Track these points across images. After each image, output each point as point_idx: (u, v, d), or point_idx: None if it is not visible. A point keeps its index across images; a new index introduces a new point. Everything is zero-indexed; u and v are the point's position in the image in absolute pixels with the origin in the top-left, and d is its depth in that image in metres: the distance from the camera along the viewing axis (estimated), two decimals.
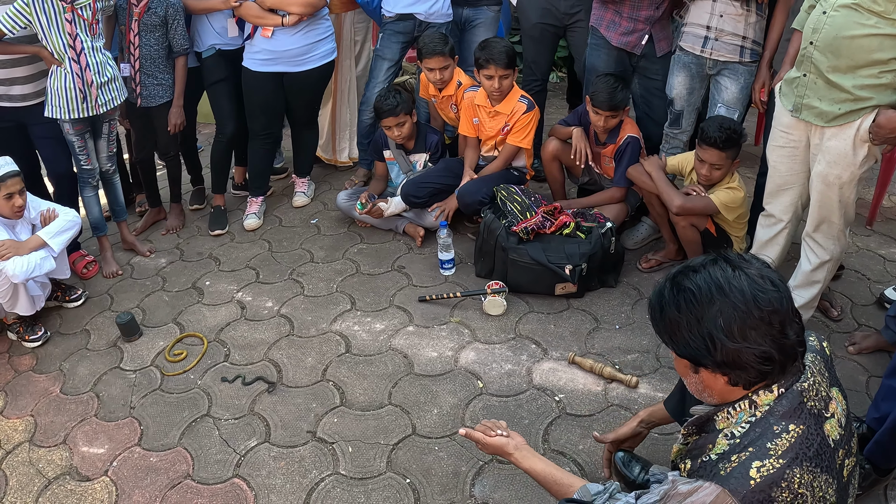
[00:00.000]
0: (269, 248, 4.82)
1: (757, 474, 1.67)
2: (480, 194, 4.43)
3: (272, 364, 3.70)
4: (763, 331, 1.71)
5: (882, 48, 2.85)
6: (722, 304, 1.73)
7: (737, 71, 3.95)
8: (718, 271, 1.77)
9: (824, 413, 1.80)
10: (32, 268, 3.73)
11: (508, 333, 3.80)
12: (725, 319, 1.72)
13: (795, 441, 1.71)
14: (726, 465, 1.73)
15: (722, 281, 1.74)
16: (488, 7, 5.07)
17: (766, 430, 1.74)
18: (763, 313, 1.70)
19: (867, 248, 4.40)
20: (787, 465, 1.68)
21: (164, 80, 4.66)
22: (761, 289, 1.72)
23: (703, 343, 1.75)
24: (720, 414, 1.87)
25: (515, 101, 4.55)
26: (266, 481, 3.01)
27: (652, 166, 4.01)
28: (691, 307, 1.76)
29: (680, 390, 2.47)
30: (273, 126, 5.10)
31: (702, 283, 1.76)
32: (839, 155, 3.08)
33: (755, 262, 1.79)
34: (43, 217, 3.99)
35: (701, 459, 1.83)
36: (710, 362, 1.77)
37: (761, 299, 1.71)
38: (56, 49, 4.05)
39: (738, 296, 1.72)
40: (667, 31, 4.31)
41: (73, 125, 4.24)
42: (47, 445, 3.32)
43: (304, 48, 4.74)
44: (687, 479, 1.80)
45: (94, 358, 3.88)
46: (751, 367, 1.73)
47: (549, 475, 2.29)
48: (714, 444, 1.82)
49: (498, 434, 2.44)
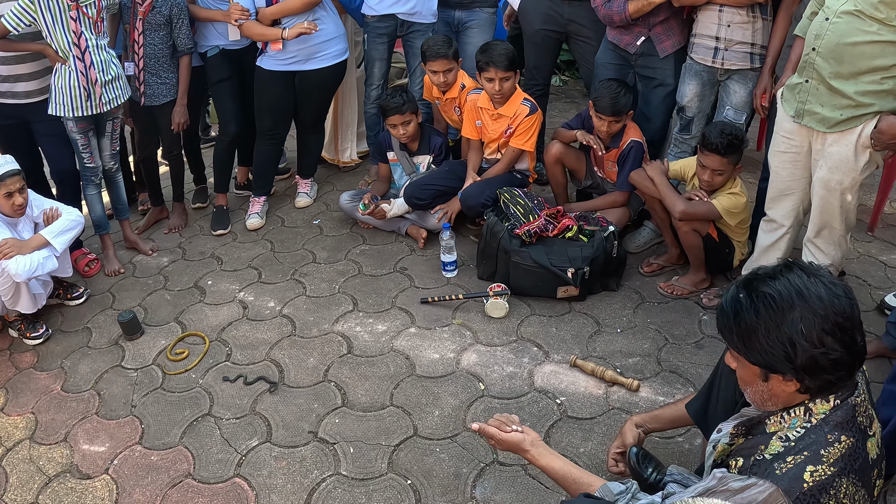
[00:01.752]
0: (271, 249, 4.82)
1: (810, 478, 1.69)
2: (483, 197, 4.43)
3: (274, 364, 3.70)
4: (838, 336, 1.72)
5: (884, 55, 2.87)
6: (803, 309, 1.74)
7: (746, 76, 3.97)
8: (797, 278, 1.78)
9: (868, 431, 1.82)
10: (35, 267, 3.73)
11: (510, 336, 3.80)
12: (806, 325, 1.73)
13: (846, 452, 1.73)
14: (782, 466, 1.74)
15: (802, 287, 1.76)
16: (481, 9, 5.06)
17: (821, 437, 1.76)
18: (839, 318, 1.73)
19: (868, 253, 4.39)
20: (838, 473, 1.70)
21: (168, 79, 4.67)
22: (836, 296, 1.74)
23: (781, 349, 1.75)
24: (772, 418, 1.89)
25: (518, 103, 4.54)
26: (267, 481, 3.00)
27: (655, 171, 4.00)
28: (771, 312, 1.76)
29: (705, 395, 2.47)
30: (280, 127, 5.11)
31: (782, 289, 1.77)
32: (841, 160, 3.09)
33: (823, 270, 1.82)
34: (46, 216, 3.99)
35: (754, 458, 1.84)
36: (788, 368, 1.76)
37: (836, 306, 1.73)
38: (60, 47, 4.06)
39: (818, 302, 1.73)
40: (673, 32, 4.26)
41: (77, 123, 4.25)
42: (48, 443, 3.32)
43: (317, 46, 4.74)
44: (739, 476, 1.80)
45: (96, 356, 3.88)
46: (825, 372, 1.75)
47: (568, 473, 2.25)
48: (767, 446, 1.83)
49: (513, 430, 2.39)
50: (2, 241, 3.71)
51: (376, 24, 5.00)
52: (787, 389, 1.81)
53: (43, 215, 4.00)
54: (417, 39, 4.96)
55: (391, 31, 5.03)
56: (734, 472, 1.87)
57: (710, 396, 2.41)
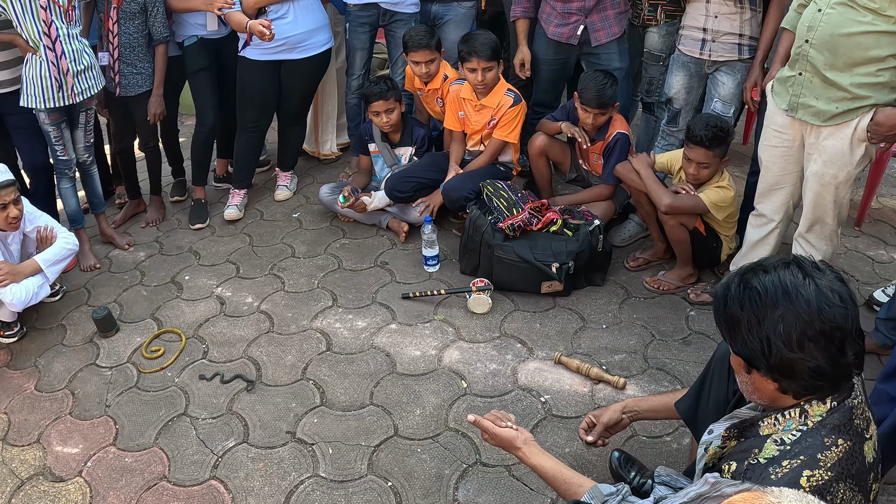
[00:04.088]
0: (249, 243, 4.75)
1: (807, 483, 1.65)
2: (466, 190, 4.37)
3: (251, 362, 3.63)
4: (822, 345, 1.67)
5: (879, 45, 2.83)
6: (786, 309, 1.69)
7: (734, 67, 3.95)
8: (789, 276, 1.73)
9: (865, 434, 1.77)
10: (30, 297, 3.73)
11: (493, 332, 3.74)
12: (786, 326, 1.68)
13: (843, 456, 1.69)
14: (777, 471, 1.70)
15: (790, 286, 1.71)
16: (459, 3, 4.98)
17: (817, 440, 1.71)
18: (826, 327, 1.66)
19: (856, 249, 4.37)
20: (835, 478, 1.66)
21: (144, 69, 4.57)
22: (828, 302, 1.67)
23: (759, 345, 1.72)
24: (766, 420, 1.83)
25: (501, 94, 4.49)
26: (244, 483, 2.95)
27: (640, 164, 3.96)
28: (755, 307, 1.73)
29: (696, 393, 2.42)
30: (263, 119, 5.04)
31: (769, 285, 1.73)
32: (836, 154, 3.05)
33: (828, 273, 1.75)
34: (40, 235, 3.91)
35: (748, 462, 1.79)
36: (763, 366, 1.74)
37: (826, 313, 1.66)
38: (31, 36, 3.96)
39: (804, 305, 1.68)
40: (608, 23, 4.37)
41: (49, 115, 4.15)
42: (20, 444, 3.25)
43: (302, 35, 4.67)
44: (732, 482, 1.75)
45: (70, 354, 3.80)
46: (802, 378, 1.71)
47: (559, 473, 2.23)
48: (761, 449, 1.79)
49: (507, 426, 2.38)
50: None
51: (358, 13, 4.93)
52: (768, 387, 1.78)
53: (36, 233, 3.92)
54: (399, 29, 4.89)
55: (373, 21, 4.97)
56: (727, 477, 1.82)
57: (701, 395, 2.37)
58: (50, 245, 3.89)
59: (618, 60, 4.48)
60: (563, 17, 4.39)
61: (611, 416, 2.66)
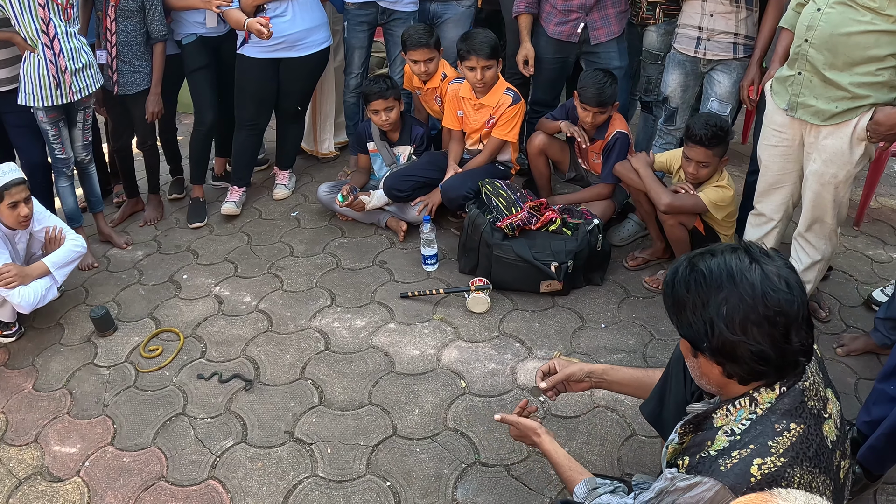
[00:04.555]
0: (248, 242, 4.74)
1: (758, 472, 1.65)
2: (465, 189, 4.36)
3: (249, 361, 3.62)
4: (765, 330, 1.67)
5: (878, 45, 2.83)
6: (729, 292, 1.70)
7: (730, 66, 3.95)
8: (735, 260, 1.73)
9: (823, 414, 1.77)
10: (38, 299, 3.73)
11: (492, 332, 3.74)
12: (729, 309, 1.69)
13: (796, 440, 1.69)
14: (726, 461, 1.70)
15: (735, 270, 1.71)
16: (458, 2, 4.97)
17: (768, 427, 1.71)
18: (769, 311, 1.66)
19: (854, 248, 4.36)
20: (788, 464, 1.65)
21: (142, 68, 4.55)
22: (773, 287, 1.68)
23: (703, 327, 1.73)
24: (719, 412, 1.84)
25: (501, 93, 4.48)
26: (242, 483, 2.94)
27: (640, 163, 3.96)
28: (700, 289, 1.74)
29: (658, 396, 2.42)
30: (261, 117, 5.03)
31: (714, 268, 1.74)
32: (835, 153, 3.05)
33: (777, 259, 1.75)
34: (48, 236, 3.91)
35: (699, 455, 1.80)
36: (707, 348, 1.75)
37: (770, 297, 1.67)
38: (29, 34, 3.94)
39: (748, 288, 1.68)
40: (608, 22, 4.38)
41: (47, 113, 4.13)
42: (18, 444, 3.24)
43: (301, 33, 4.67)
44: (685, 476, 1.77)
45: (68, 353, 3.79)
46: (745, 362, 1.71)
47: (566, 462, 2.31)
48: (713, 441, 1.79)
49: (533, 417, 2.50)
50: (2, 266, 3.63)
51: (357, 11, 4.92)
52: (713, 371, 1.79)
53: (45, 233, 3.91)
54: (398, 28, 4.88)
55: (372, 20, 4.96)
56: (682, 472, 1.83)
57: (664, 398, 2.37)
58: (58, 246, 3.88)
59: (617, 59, 4.48)
60: (563, 14, 4.38)
61: (574, 372, 2.57)
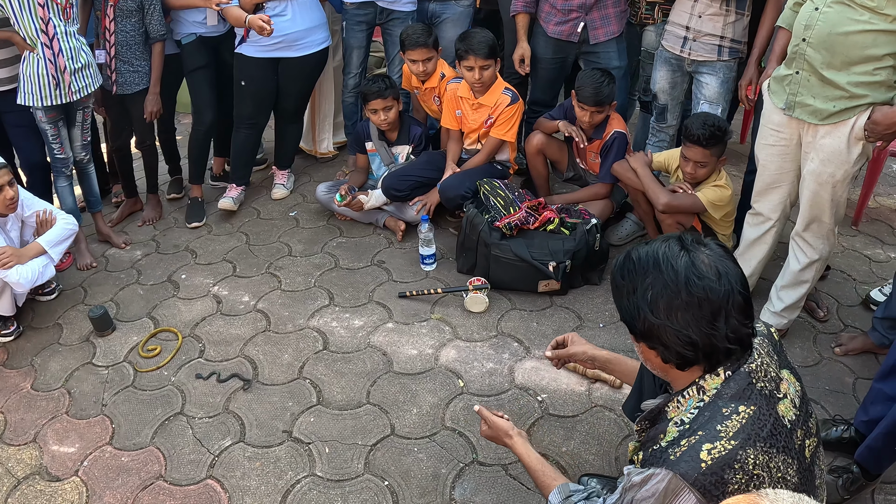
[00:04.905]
0: (246, 241, 4.74)
1: (708, 456, 1.66)
2: (463, 188, 4.36)
3: (248, 360, 3.62)
4: (691, 315, 1.71)
5: (876, 44, 2.82)
6: (654, 278, 1.76)
7: (715, 67, 3.98)
8: (664, 248, 1.79)
9: (776, 394, 1.79)
10: (36, 277, 3.73)
11: (490, 331, 3.74)
12: (653, 294, 1.75)
13: (747, 422, 1.70)
14: (675, 450, 1.71)
15: (661, 257, 1.77)
16: (457, 2, 4.97)
17: (716, 412, 1.73)
18: (692, 298, 1.71)
19: (853, 248, 4.37)
20: (740, 446, 1.66)
21: (141, 67, 4.56)
22: (698, 274, 1.72)
23: (633, 311, 1.80)
24: (671, 404, 1.86)
25: (499, 93, 4.48)
26: (240, 483, 2.94)
27: (638, 163, 3.96)
28: (630, 276, 1.81)
29: (636, 394, 2.45)
30: (260, 115, 5.03)
31: (643, 255, 1.81)
32: (833, 153, 3.04)
33: (714, 249, 1.79)
34: (39, 219, 3.91)
35: (652, 448, 1.81)
36: (637, 332, 1.82)
37: (694, 284, 1.71)
38: (28, 34, 3.95)
39: (671, 275, 1.73)
40: (608, 21, 4.39)
41: (46, 113, 4.14)
42: (17, 444, 3.24)
43: (300, 33, 4.68)
44: (640, 470, 1.79)
45: (66, 353, 3.79)
46: (672, 347, 1.76)
47: (540, 467, 2.32)
48: (665, 433, 1.81)
49: (505, 417, 2.50)
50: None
51: (355, 11, 4.93)
52: (653, 356, 1.85)
53: (35, 217, 3.92)
54: (396, 28, 4.89)
55: (370, 19, 4.96)
56: (637, 467, 1.84)
57: (642, 395, 2.38)
58: (50, 228, 3.90)
59: (616, 59, 4.49)
60: (563, 14, 4.38)
61: (577, 353, 2.74)
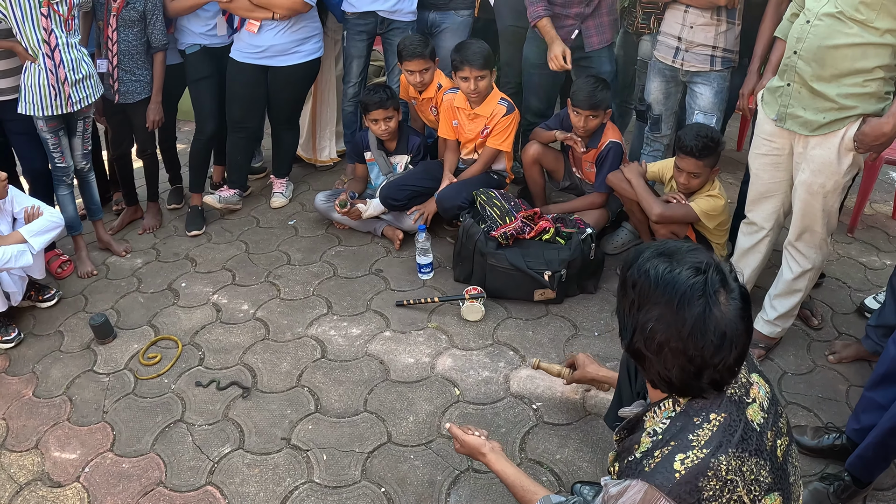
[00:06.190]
0: (245, 250, 4.77)
1: (681, 466, 1.66)
2: (460, 198, 4.40)
3: (247, 368, 3.65)
4: (679, 362, 1.68)
5: (865, 57, 2.85)
6: (661, 313, 1.67)
7: (708, 77, 4.00)
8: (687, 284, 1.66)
9: (745, 399, 1.79)
10: (8, 258, 3.70)
11: (486, 340, 3.77)
12: (653, 328, 1.69)
13: (718, 430, 1.70)
14: (650, 462, 1.72)
15: (678, 295, 1.66)
16: (456, 12, 5.00)
17: (687, 422, 1.73)
18: (687, 351, 1.66)
19: (848, 255, 4.40)
20: (712, 453, 1.66)
21: (143, 77, 4.60)
22: (703, 331, 1.63)
23: (629, 325, 1.76)
24: (648, 414, 1.87)
25: (495, 103, 4.52)
26: (239, 489, 2.96)
27: (632, 173, 3.99)
28: (642, 294, 1.72)
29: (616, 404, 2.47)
30: (249, 120, 5.06)
31: (662, 280, 1.69)
32: (823, 164, 3.07)
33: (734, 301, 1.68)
34: (27, 214, 3.94)
35: (627, 459, 1.81)
36: (624, 343, 1.81)
37: (695, 340, 1.64)
38: (30, 44, 3.99)
39: (679, 321, 1.65)
40: (602, 29, 4.42)
41: (47, 122, 4.18)
42: (19, 450, 3.26)
43: (288, 44, 4.73)
44: (617, 481, 1.79)
45: (68, 360, 3.81)
46: (650, 375, 1.77)
47: (518, 480, 2.33)
48: (639, 444, 1.81)
49: (476, 434, 2.50)
50: None
51: (356, 21, 4.95)
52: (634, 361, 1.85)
53: (24, 213, 3.95)
54: (396, 37, 4.91)
55: (371, 29, 4.99)
56: (614, 478, 1.85)
57: (621, 404, 2.41)
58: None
59: (608, 64, 4.54)
60: (558, 20, 4.39)
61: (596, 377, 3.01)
